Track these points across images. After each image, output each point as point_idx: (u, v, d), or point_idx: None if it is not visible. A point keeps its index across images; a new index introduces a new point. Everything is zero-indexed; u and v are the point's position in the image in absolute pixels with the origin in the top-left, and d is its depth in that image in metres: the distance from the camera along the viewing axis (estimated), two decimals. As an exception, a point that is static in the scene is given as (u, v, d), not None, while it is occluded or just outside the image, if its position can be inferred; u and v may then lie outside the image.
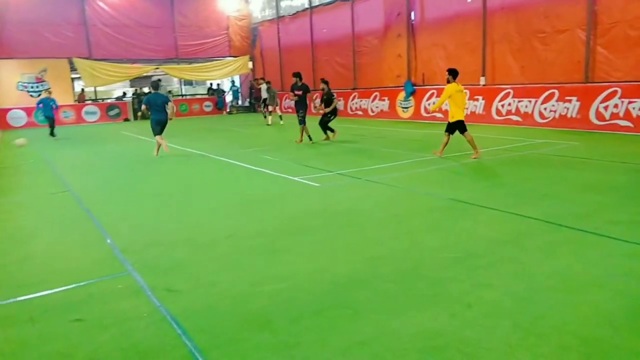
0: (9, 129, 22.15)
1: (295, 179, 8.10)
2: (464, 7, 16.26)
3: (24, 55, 23.15)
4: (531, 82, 14.36)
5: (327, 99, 12.86)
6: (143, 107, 12.19)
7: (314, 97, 14.11)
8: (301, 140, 12.93)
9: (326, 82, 13.04)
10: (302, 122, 12.81)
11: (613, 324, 3.06)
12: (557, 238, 4.72)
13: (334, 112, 13.00)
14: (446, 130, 9.59)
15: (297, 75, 13.07)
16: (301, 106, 12.84)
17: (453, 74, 9.71)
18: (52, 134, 17.43)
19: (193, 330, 3.21)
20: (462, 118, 9.40)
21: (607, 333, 2.95)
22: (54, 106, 17.23)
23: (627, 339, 2.90)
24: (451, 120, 9.46)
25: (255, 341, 3.04)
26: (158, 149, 11.74)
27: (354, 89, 21.22)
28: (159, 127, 11.67)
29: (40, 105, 17.24)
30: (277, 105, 20.11)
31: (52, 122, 17.47)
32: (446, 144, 9.63)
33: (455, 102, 9.42)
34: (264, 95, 20.88)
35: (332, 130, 13.09)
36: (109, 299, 3.78)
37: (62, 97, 23.92)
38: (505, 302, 3.39)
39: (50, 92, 18.20)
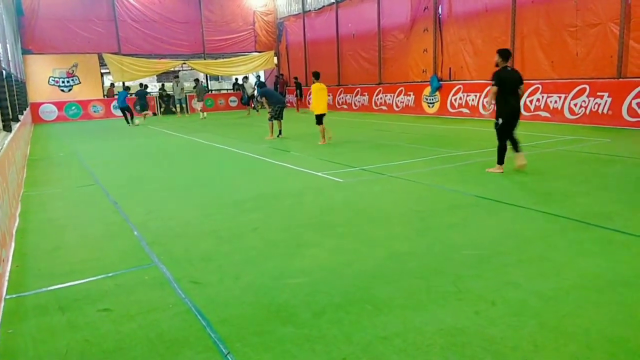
0: (41, 123, 22.74)
1: (319, 174, 8.11)
2: (492, 0, 15.98)
3: (55, 50, 23.70)
4: (561, 77, 14.05)
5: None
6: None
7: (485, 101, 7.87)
8: (272, 135, 13.33)
9: (503, 55, 7.61)
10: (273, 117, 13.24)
11: (643, 324, 2.99)
12: (585, 236, 4.62)
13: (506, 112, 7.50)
14: (317, 124, 11.77)
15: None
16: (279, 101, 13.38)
17: (316, 76, 11.86)
18: (132, 121, 20.18)
19: (217, 321, 3.25)
20: (322, 112, 11.59)
21: (635, 334, 2.88)
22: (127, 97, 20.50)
23: (658, 340, 2.83)
24: (315, 113, 11.66)
25: (278, 334, 3.06)
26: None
27: (379, 83, 21.11)
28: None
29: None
30: (202, 102, 23.17)
31: (126, 112, 20.13)
32: (323, 132, 11.71)
33: (317, 98, 11.58)
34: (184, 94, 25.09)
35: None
36: (135, 289, 3.86)
37: (92, 92, 24.50)
38: (531, 301, 3.33)
39: (125, 87, 21.77)
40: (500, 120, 7.44)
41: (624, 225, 4.81)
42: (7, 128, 8.93)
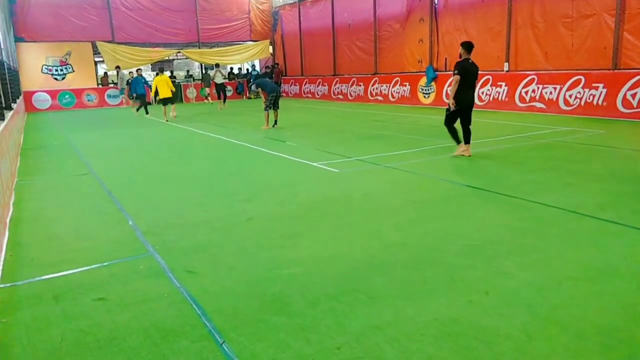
0: (34, 112, 22.58)
1: (314, 164, 8.11)
2: (488, -10, 15.93)
3: (48, 38, 23.42)
4: (556, 68, 14.05)
5: None
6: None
7: None
8: (267, 125, 13.32)
9: (467, 47, 8.03)
10: (268, 107, 13.29)
11: (632, 314, 3.02)
12: (578, 227, 4.66)
13: None
14: (164, 104, 16.80)
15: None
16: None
17: (160, 70, 17.73)
18: (146, 111, 19.61)
19: (212, 311, 3.26)
20: (165, 96, 16.62)
21: (626, 323, 2.92)
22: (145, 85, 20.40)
23: (647, 330, 2.87)
24: (160, 97, 16.75)
25: (272, 323, 3.08)
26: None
27: (374, 74, 21.04)
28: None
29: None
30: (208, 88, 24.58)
31: (143, 100, 19.79)
32: (165, 112, 16.77)
33: (161, 87, 16.63)
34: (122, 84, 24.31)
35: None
36: (130, 279, 3.86)
37: (86, 81, 24.30)
38: (523, 291, 3.36)
39: (138, 72, 21.62)
40: (453, 107, 7.95)
41: (616, 216, 4.84)
42: (0, 117, 8.86)
